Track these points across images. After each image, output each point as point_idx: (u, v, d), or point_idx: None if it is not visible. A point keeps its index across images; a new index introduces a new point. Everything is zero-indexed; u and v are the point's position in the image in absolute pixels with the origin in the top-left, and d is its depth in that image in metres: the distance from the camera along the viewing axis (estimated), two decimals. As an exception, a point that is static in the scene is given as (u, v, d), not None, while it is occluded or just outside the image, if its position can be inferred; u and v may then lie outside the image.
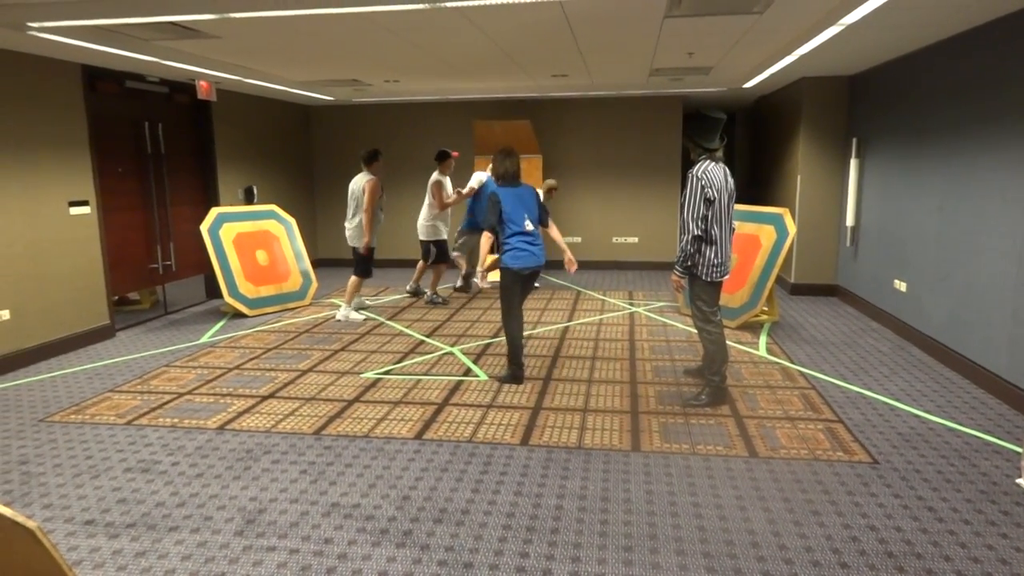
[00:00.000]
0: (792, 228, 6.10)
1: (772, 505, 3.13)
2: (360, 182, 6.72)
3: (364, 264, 6.86)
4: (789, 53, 5.68)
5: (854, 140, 7.07)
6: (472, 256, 7.88)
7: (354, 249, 6.86)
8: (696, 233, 4.13)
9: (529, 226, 4.74)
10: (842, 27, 4.66)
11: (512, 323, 4.80)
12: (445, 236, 7.61)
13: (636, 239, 8.51)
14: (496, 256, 5.08)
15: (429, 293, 7.64)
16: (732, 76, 7.51)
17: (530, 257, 4.71)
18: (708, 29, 4.94)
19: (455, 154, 7.72)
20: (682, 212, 4.19)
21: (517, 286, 4.77)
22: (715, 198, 4.12)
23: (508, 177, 4.84)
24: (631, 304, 7.50)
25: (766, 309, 6.44)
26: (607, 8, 4.31)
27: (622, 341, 5.96)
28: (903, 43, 5.51)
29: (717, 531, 2.92)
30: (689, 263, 4.24)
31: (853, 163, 7.08)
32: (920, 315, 5.66)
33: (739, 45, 5.57)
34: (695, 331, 6.22)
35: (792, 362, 5.29)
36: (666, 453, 3.70)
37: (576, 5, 4.18)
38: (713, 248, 4.20)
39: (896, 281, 6.11)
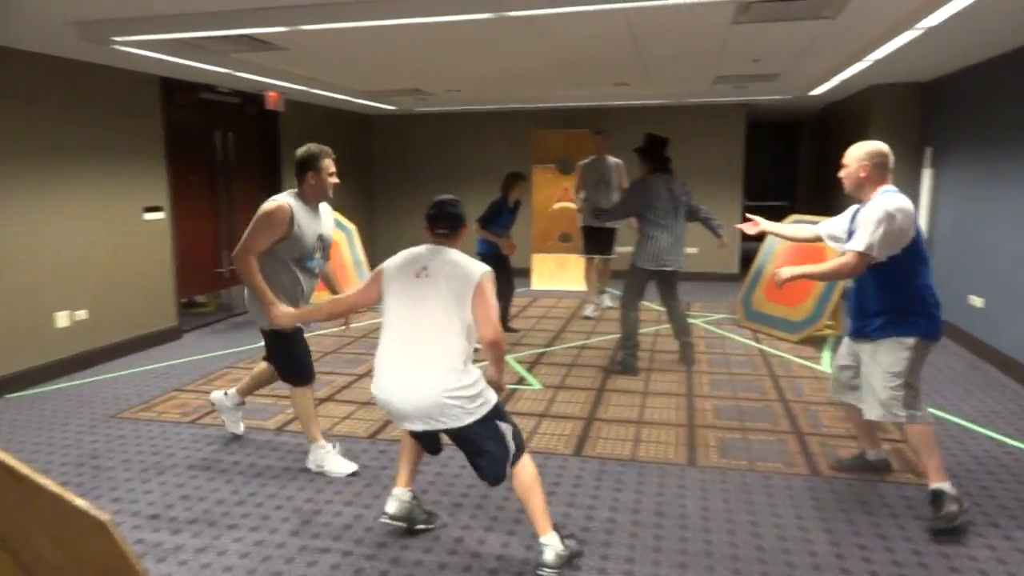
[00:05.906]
0: (860, 240, 5.87)
1: (835, 526, 3.01)
2: None
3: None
4: (861, 59, 5.48)
5: (928, 149, 6.78)
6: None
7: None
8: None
9: None
10: (921, 31, 4.47)
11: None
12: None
13: (696, 249, 8.34)
14: None
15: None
16: (799, 83, 7.31)
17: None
18: (776, 35, 4.82)
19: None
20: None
21: None
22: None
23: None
24: (689, 316, 7.34)
25: (830, 323, 6.22)
26: (672, 17, 4.26)
27: (679, 353, 5.83)
28: (985, 48, 5.25)
29: (776, 551, 2.82)
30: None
31: (927, 173, 6.78)
32: (997, 332, 5.37)
33: (808, 51, 5.42)
34: (754, 344, 6.06)
35: (858, 379, 5.08)
36: (723, 469, 3.60)
37: (641, 14, 4.14)
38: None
39: (971, 297, 5.81)
